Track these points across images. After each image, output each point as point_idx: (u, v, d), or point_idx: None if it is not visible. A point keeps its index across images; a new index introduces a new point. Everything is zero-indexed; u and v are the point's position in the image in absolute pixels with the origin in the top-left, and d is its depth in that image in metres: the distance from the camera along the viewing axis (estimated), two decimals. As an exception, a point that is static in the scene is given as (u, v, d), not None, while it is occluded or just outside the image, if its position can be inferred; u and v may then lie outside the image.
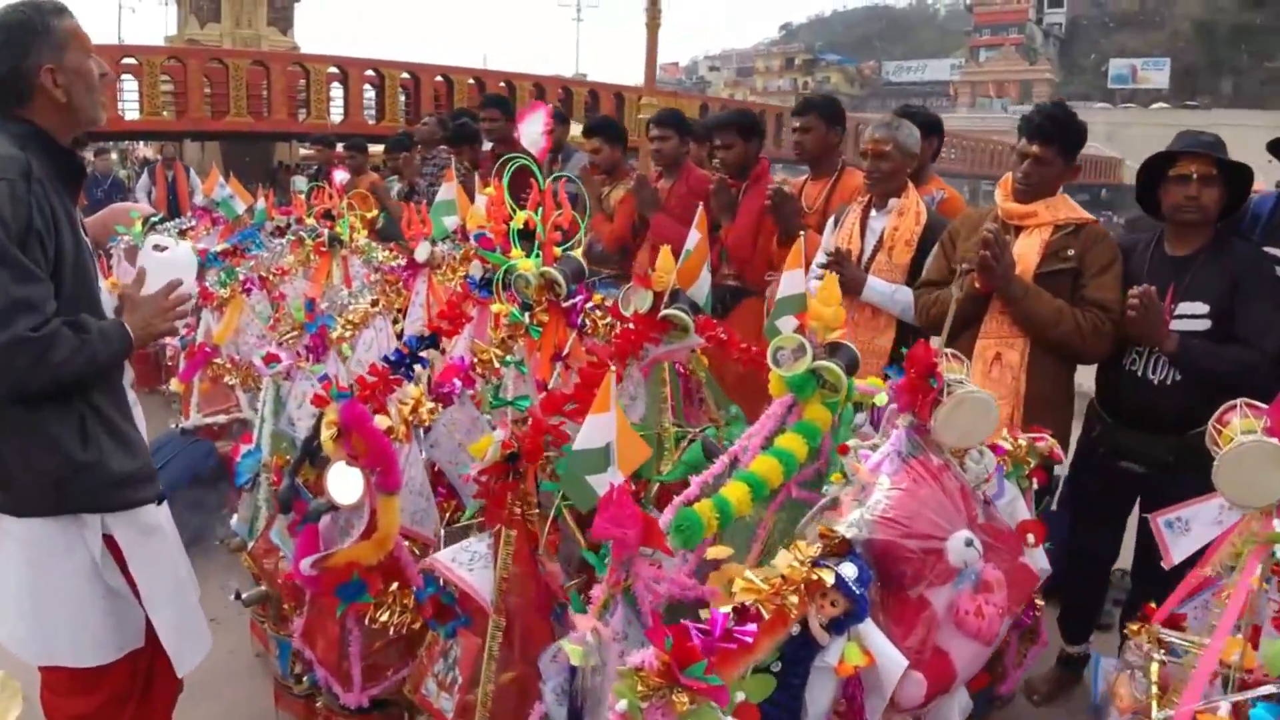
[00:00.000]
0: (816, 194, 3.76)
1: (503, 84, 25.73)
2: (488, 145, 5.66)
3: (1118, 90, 73.77)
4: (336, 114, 22.95)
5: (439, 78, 24.59)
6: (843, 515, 1.67)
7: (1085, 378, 3.06)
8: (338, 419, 1.88)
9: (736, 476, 1.73)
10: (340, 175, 4.62)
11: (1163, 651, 1.76)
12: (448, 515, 2.41)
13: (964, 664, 1.73)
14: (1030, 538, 1.98)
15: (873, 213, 3.34)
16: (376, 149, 9.72)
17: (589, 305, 2.48)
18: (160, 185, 11.49)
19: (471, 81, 25.33)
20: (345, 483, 1.90)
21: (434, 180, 6.33)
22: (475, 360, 2.22)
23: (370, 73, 23.45)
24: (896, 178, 3.26)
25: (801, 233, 3.59)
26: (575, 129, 6.77)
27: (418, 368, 2.39)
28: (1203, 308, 2.65)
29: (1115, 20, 79.26)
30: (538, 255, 2.40)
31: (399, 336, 3.10)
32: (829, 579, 1.50)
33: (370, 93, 23.85)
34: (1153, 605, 1.86)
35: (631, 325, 2.24)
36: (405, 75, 24.06)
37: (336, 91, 23.07)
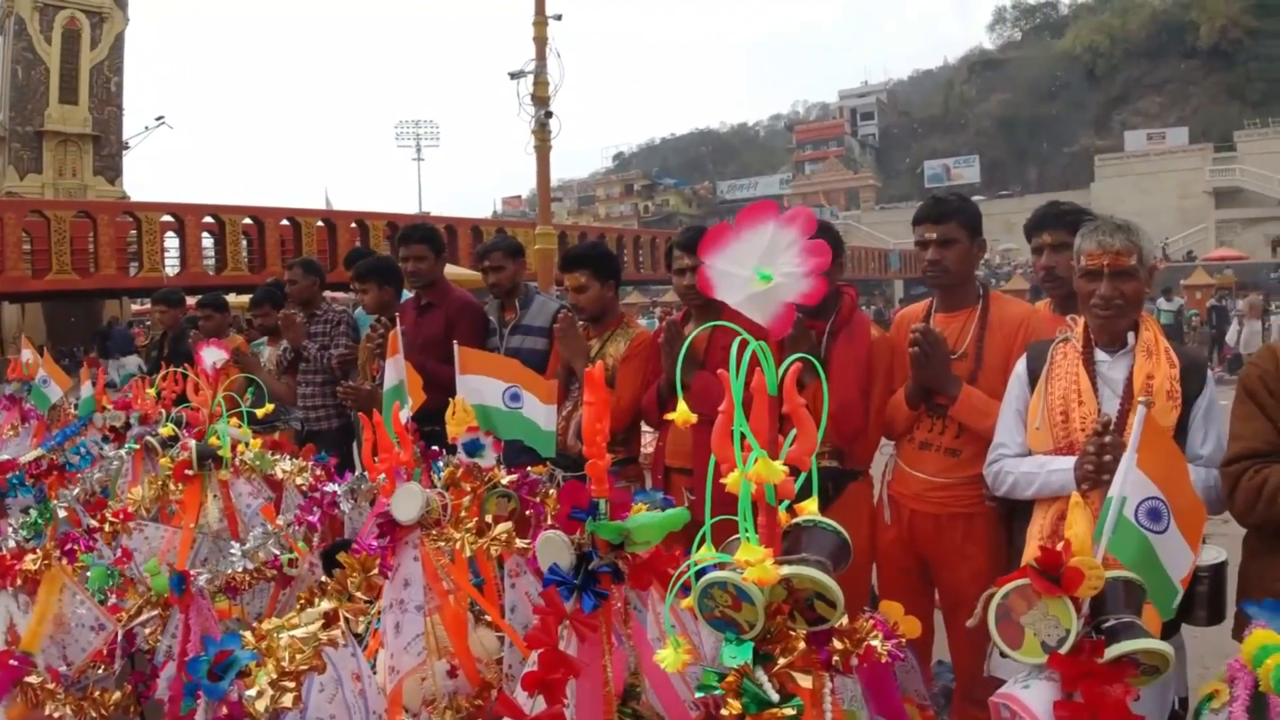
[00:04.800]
0: (956, 333, 2.62)
1: (354, 224, 24.39)
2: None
3: (934, 189, 78.72)
4: (172, 266, 20.94)
5: (284, 221, 22.99)
6: None
7: None
8: None
9: None
10: (212, 355, 3.15)
11: None
12: None
13: None
14: None
15: (1100, 356, 2.22)
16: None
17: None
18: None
19: (320, 224, 23.92)
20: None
21: (327, 343, 4.90)
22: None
23: (209, 219, 21.62)
24: (1139, 305, 2.19)
25: (959, 392, 2.48)
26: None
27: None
28: None
29: (923, 126, 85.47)
30: (745, 534, 1.12)
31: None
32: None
33: (209, 241, 21.96)
34: None
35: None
36: (247, 220, 22.33)
37: (171, 241, 21.14)
